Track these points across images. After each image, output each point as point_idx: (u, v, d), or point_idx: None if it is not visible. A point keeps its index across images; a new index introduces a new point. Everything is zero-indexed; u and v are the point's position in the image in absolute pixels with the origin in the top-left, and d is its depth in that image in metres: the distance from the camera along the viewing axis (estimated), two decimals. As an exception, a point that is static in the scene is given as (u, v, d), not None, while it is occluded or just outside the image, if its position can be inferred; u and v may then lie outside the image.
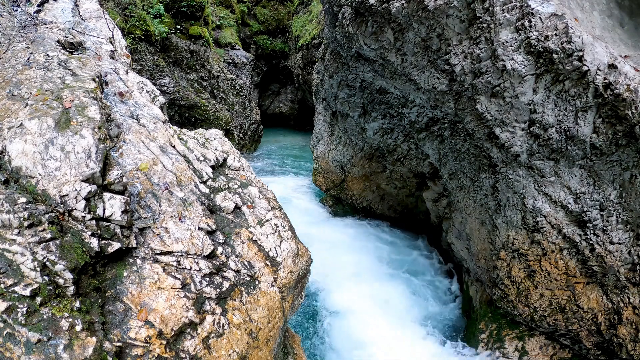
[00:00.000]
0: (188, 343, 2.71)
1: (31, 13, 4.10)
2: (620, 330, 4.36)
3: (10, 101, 2.95)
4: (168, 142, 3.77)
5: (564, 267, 4.70)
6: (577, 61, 3.78)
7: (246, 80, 18.12)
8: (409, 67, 5.41)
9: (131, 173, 3.23)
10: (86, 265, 2.54)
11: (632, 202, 4.11)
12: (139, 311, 2.64)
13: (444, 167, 6.51)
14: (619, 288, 4.37)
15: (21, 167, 2.62)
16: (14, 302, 2.22)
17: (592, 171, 4.27)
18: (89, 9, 4.92)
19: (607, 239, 4.30)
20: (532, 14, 3.92)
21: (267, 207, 3.92)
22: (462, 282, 7.19)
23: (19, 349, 2.14)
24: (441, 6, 4.43)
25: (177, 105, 13.27)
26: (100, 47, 4.42)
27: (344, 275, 7.61)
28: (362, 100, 8.09)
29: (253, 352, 3.08)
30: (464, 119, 5.08)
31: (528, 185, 4.72)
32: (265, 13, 22.54)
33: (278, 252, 3.62)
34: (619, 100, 3.71)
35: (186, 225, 3.19)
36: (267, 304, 3.31)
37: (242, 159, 4.36)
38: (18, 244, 2.34)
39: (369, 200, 10.12)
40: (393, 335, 6.12)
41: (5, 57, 3.36)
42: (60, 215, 2.56)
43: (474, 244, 6.03)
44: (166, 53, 13.14)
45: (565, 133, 4.13)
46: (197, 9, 13.80)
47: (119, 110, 3.71)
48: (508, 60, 4.10)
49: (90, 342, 2.31)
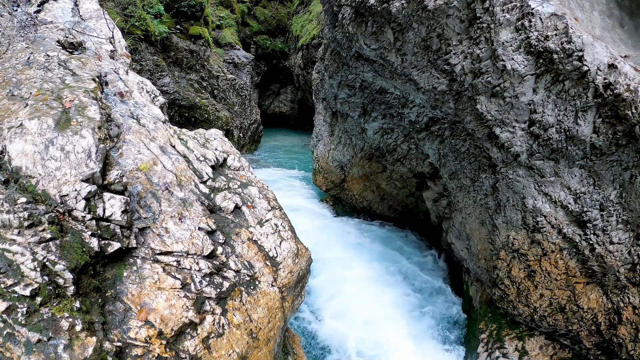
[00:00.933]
0: (188, 343, 2.71)
1: (31, 13, 4.10)
2: (620, 330, 4.36)
3: (10, 101, 2.95)
4: (168, 142, 3.77)
5: (564, 267, 4.70)
6: (577, 61, 3.78)
7: (246, 80, 18.11)
8: (409, 67, 5.41)
9: (131, 173, 3.23)
10: (86, 265, 2.54)
11: (632, 202, 4.11)
12: (139, 311, 2.64)
13: (444, 167, 6.51)
14: (619, 288, 4.37)
15: (21, 167, 2.62)
16: (14, 302, 2.22)
17: (592, 171, 4.27)
18: (89, 9, 4.92)
19: (607, 239, 4.30)
20: (532, 14, 3.92)
21: (267, 207, 3.92)
22: (462, 282, 7.18)
23: (19, 349, 2.14)
24: (441, 6, 4.43)
25: (177, 105, 13.26)
26: (100, 47, 4.42)
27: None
28: (362, 100, 8.09)
29: (253, 352, 3.08)
30: (464, 119, 5.08)
31: (528, 185, 4.72)
32: (265, 13, 22.53)
33: (278, 252, 3.62)
34: (619, 100, 3.71)
35: (186, 225, 3.19)
36: (267, 304, 3.31)
37: (242, 159, 4.36)
38: (18, 244, 2.34)
39: (369, 200, 10.11)
40: (392, 334, 6.12)
41: (5, 57, 3.36)
42: (60, 215, 2.56)
43: (474, 244, 6.03)
44: (166, 53, 13.13)
45: (565, 133, 4.13)
46: (197, 9, 13.80)
47: (119, 110, 3.71)
48: (508, 60, 4.10)
49: (90, 342, 2.31)
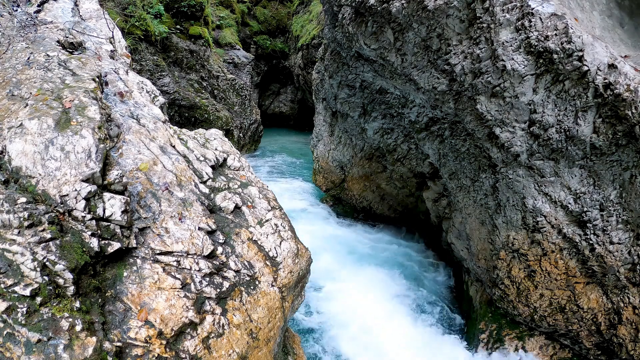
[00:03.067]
0: (188, 343, 2.71)
1: (31, 13, 4.10)
2: (620, 330, 4.36)
3: (10, 101, 2.95)
4: (168, 142, 3.77)
5: (564, 267, 4.70)
6: (577, 61, 3.78)
7: (246, 80, 18.11)
8: (409, 67, 5.41)
9: (131, 173, 3.23)
10: (86, 265, 2.54)
11: (632, 202, 4.11)
12: (139, 311, 2.64)
13: (444, 167, 6.51)
14: (619, 288, 4.37)
15: (21, 167, 2.62)
16: (14, 302, 2.22)
17: (592, 171, 4.27)
18: (89, 9, 4.92)
19: (607, 239, 4.30)
20: (532, 14, 3.92)
21: (267, 207, 3.92)
22: (462, 282, 7.19)
23: (19, 349, 2.14)
24: (441, 6, 4.43)
25: (177, 105, 13.26)
26: (100, 47, 4.42)
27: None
28: (362, 100, 8.09)
29: (253, 352, 3.08)
30: (464, 119, 5.08)
31: (528, 185, 4.72)
32: (265, 13, 22.53)
33: (278, 252, 3.62)
34: (619, 100, 3.71)
35: (186, 225, 3.19)
36: (267, 304, 3.31)
37: (242, 159, 4.35)
38: (18, 244, 2.34)
39: (369, 200, 10.11)
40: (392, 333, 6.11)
41: (5, 57, 3.36)
42: (60, 215, 2.56)
43: (474, 244, 6.03)
44: (166, 53, 13.13)
45: (565, 133, 4.13)
46: (197, 9, 13.80)
47: (119, 110, 3.71)
48: (508, 60, 4.10)
49: (90, 342, 2.31)
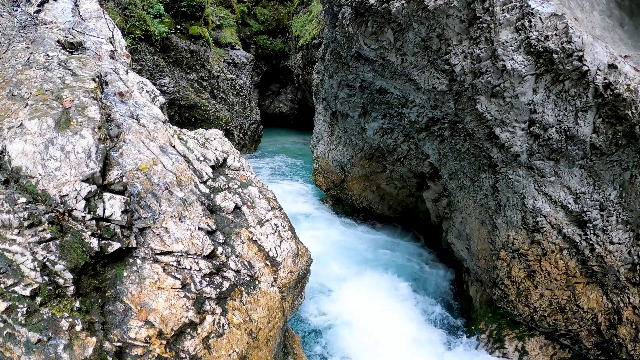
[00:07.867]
0: (188, 343, 2.71)
1: (31, 13, 4.10)
2: (620, 330, 4.36)
3: (10, 101, 2.95)
4: (168, 142, 3.77)
5: (564, 267, 4.70)
6: (577, 61, 3.78)
7: (246, 80, 18.10)
8: (409, 67, 5.41)
9: (131, 173, 3.23)
10: (86, 265, 2.54)
11: (632, 202, 4.11)
12: (139, 311, 2.64)
13: (444, 167, 6.51)
14: (619, 288, 4.37)
15: (21, 167, 2.62)
16: (14, 302, 2.22)
17: (592, 171, 4.27)
18: (89, 9, 4.92)
19: (607, 239, 4.30)
20: (532, 14, 3.92)
21: (267, 207, 3.92)
22: (462, 282, 7.19)
23: (19, 349, 2.14)
24: (441, 6, 4.43)
25: (177, 105, 13.26)
26: (100, 47, 4.42)
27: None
28: (362, 100, 8.09)
29: (253, 352, 3.08)
30: (464, 119, 5.08)
31: (528, 185, 4.72)
32: (265, 13, 22.52)
33: (278, 252, 3.62)
34: (619, 100, 3.71)
35: (186, 225, 3.19)
36: (267, 304, 3.31)
37: (242, 159, 4.36)
38: (18, 244, 2.34)
39: (369, 200, 10.11)
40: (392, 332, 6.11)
41: (5, 57, 3.36)
42: (60, 215, 2.56)
43: (474, 244, 6.03)
44: (166, 53, 13.13)
45: (565, 133, 4.13)
46: (197, 9, 13.80)
47: (119, 110, 3.71)
48: (508, 60, 4.10)
49: (90, 342, 2.31)
